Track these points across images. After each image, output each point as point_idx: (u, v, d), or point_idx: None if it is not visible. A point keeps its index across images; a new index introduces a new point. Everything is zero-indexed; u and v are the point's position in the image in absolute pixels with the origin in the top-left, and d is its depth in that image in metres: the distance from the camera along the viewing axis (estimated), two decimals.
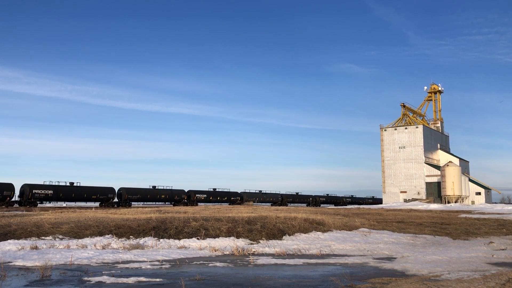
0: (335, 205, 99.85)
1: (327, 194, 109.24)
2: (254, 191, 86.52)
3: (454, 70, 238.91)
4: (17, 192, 55.58)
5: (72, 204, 62.03)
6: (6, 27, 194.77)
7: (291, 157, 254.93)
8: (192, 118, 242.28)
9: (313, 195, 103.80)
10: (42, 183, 57.70)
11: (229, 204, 74.78)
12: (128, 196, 64.65)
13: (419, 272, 11.94)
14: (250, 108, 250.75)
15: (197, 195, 74.36)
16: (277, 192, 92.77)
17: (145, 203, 69.49)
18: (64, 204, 61.34)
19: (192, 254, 15.73)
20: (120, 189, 65.35)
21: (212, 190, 78.45)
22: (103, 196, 62.92)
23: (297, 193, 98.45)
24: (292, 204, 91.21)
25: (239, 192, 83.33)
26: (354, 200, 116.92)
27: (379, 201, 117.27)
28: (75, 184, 60.99)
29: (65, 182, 60.42)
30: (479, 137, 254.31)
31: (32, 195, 55.28)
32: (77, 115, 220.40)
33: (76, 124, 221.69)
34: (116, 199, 64.57)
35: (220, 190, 79.86)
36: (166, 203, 71.49)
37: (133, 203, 66.34)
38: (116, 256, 14.54)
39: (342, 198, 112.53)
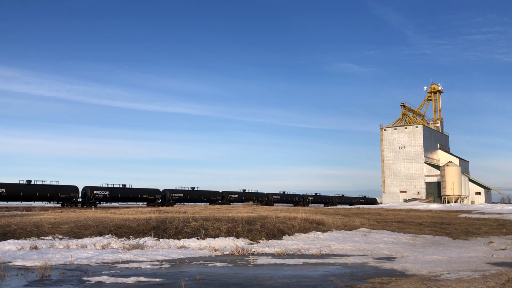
0: (349, 205, 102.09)
1: (343, 195, 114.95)
2: (278, 192, 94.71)
3: (453, 70, 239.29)
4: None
5: (124, 204, 67.02)
6: (5, 27, 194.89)
7: (290, 157, 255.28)
8: (192, 118, 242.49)
9: (331, 195, 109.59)
10: (100, 185, 62.18)
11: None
12: (172, 196, 70.19)
13: (419, 272, 11.92)
14: (250, 108, 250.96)
15: (230, 196, 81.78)
16: (298, 194, 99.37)
17: (185, 203, 74.62)
18: (117, 204, 66.37)
19: (191, 254, 15.72)
20: (164, 190, 71.00)
21: (242, 191, 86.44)
22: (151, 196, 67.46)
23: (316, 194, 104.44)
24: (312, 205, 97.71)
25: (265, 193, 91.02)
26: (367, 200, 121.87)
27: None
28: (127, 186, 65.61)
29: (119, 184, 65.11)
30: (479, 137, 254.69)
31: (93, 196, 59.30)
32: (76, 114, 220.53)
33: (74, 123, 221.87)
34: (160, 200, 69.61)
35: (248, 191, 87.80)
36: (203, 203, 76.95)
37: (176, 203, 71.52)
38: (116, 256, 14.53)
39: (356, 198, 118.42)
